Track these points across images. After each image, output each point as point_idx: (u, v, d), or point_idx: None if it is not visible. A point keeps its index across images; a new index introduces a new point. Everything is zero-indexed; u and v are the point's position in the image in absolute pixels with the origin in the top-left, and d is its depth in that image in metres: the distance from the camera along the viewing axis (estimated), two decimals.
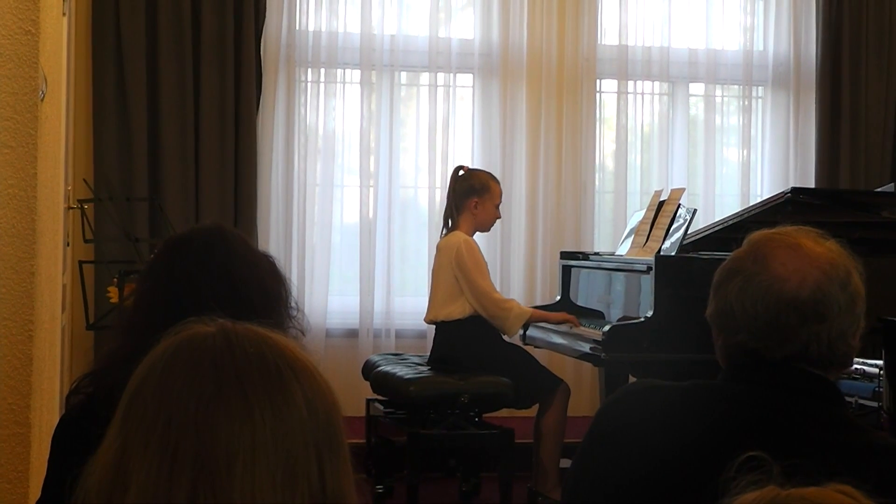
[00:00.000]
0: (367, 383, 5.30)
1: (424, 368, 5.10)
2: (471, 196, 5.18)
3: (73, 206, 5.07)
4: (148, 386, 1.09)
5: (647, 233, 5.09)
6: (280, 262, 2.17)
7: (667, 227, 4.95)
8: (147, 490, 1.04)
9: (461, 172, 5.29)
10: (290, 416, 1.08)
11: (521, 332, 5.29)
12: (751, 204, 5.95)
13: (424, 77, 6.50)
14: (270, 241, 6.17)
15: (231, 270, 2.04)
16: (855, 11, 6.68)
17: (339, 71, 6.39)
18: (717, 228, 5.11)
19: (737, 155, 6.83)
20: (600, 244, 6.46)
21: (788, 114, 6.76)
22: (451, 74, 6.46)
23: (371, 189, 6.35)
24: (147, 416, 1.07)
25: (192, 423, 1.06)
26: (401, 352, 5.74)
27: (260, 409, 1.07)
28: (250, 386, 1.08)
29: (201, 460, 1.04)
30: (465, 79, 6.53)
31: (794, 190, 4.94)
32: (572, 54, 6.51)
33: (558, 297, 5.59)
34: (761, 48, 6.79)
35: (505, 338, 5.24)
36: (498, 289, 5.46)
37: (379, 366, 5.26)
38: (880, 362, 4.37)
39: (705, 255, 4.76)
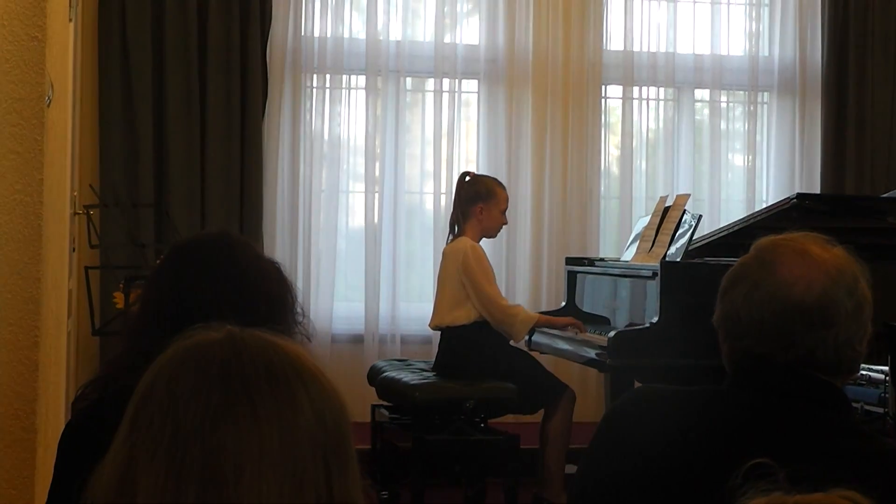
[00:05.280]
0: (373, 389, 5.30)
1: (430, 374, 5.10)
2: (476, 202, 5.19)
3: (79, 211, 5.07)
4: (155, 394, 1.09)
5: (653, 238, 5.09)
6: (286, 267, 2.17)
7: (672, 232, 4.94)
8: (153, 500, 1.04)
9: (467, 178, 5.30)
10: (297, 425, 1.07)
11: (526, 337, 5.29)
12: (756, 210, 5.95)
13: (430, 83, 6.50)
14: (276, 247, 6.17)
15: (237, 277, 2.04)
16: (860, 17, 6.68)
17: (345, 77, 6.39)
18: (722, 234, 5.10)
19: (742, 160, 6.83)
20: (606, 250, 6.46)
21: (794, 119, 6.75)
22: (457, 80, 6.46)
23: (376, 195, 6.35)
24: (154, 426, 1.06)
25: (199, 434, 1.05)
26: (406, 357, 5.74)
27: (268, 418, 1.06)
28: (258, 395, 1.07)
29: (208, 471, 1.04)
30: (471, 84, 6.53)
31: (800, 196, 4.93)
32: (578, 60, 6.51)
33: (563, 303, 5.59)
34: (767, 54, 6.78)
35: (510, 343, 5.24)
36: (504, 294, 5.45)
37: (384, 371, 5.26)
38: (886, 368, 4.37)
39: (711, 260, 4.76)
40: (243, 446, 1.05)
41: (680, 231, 4.92)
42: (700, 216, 4.96)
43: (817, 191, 6.61)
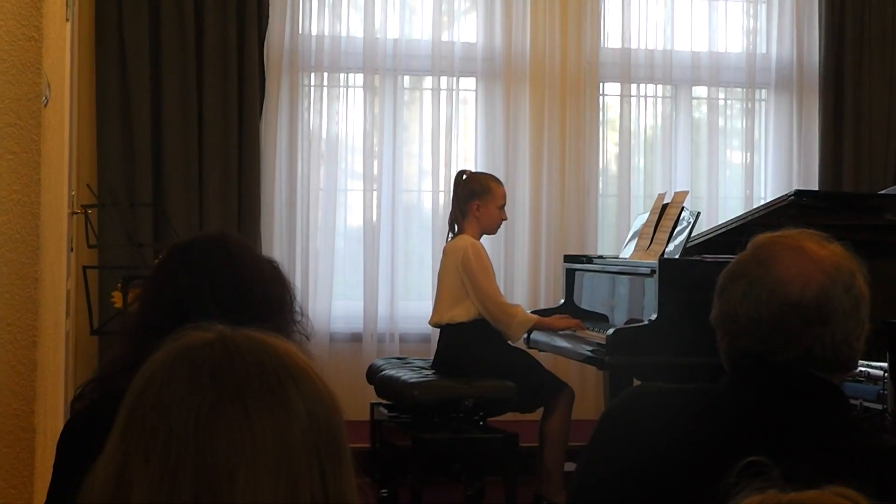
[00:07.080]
0: (372, 387, 5.30)
1: (429, 372, 5.10)
2: (472, 199, 5.19)
3: (76, 211, 5.07)
4: (147, 398, 1.09)
5: (651, 236, 5.09)
6: (284, 266, 2.17)
7: (670, 230, 4.94)
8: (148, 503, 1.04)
9: (464, 176, 5.30)
10: (290, 425, 1.07)
11: (525, 335, 5.29)
12: (754, 207, 5.95)
13: (427, 81, 6.50)
14: (274, 246, 6.17)
15: (235, 276, 2.04)
16: (857, 14, 6.68)
17: (343, 75, 6.39)
18: (720, 231, 5.10)
19: (740, 158, 6.83)
20: (604, 247, 6.46)
21: (792, 116, 6.76)
22: (455, 78, 6.46)
23: (374, 193, 6.35)
24: (147, 431, 1.06)
25: (193, 437, 1.05)
26: (405, 356, 5.74)
27: (260, 420, 1.06)
28: (250, 397, 1.07)
29: (202, 475, 1.04)
30: (469, 82, 6.53)
31: (798, 192, 4.93)
32: (575, 58, 6.51)
33: (562, 301, 5.59)
34: (764, 51, 6.78)
35: (509, 341, 5.23)
36: (502, 292, 5.45)
37: (383, 370, 5.26)
38: (885, 365, 4.37)
39: (709, 257, 4.76)
40: (236, 448, 1.05)
41: (678, 228, 4.92)
42: (698, 213, 4.96)
43: (815, 187, 6.61)
